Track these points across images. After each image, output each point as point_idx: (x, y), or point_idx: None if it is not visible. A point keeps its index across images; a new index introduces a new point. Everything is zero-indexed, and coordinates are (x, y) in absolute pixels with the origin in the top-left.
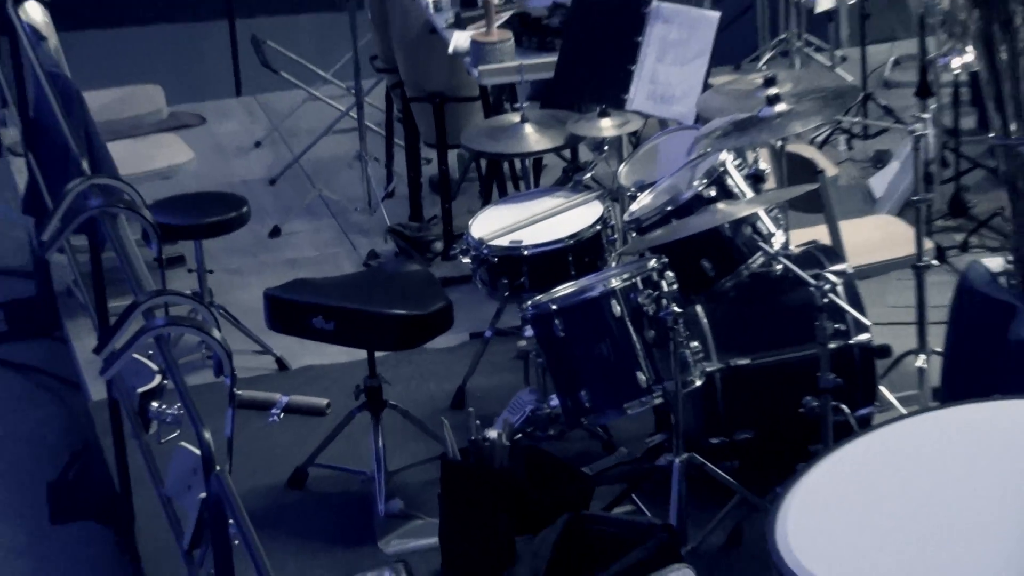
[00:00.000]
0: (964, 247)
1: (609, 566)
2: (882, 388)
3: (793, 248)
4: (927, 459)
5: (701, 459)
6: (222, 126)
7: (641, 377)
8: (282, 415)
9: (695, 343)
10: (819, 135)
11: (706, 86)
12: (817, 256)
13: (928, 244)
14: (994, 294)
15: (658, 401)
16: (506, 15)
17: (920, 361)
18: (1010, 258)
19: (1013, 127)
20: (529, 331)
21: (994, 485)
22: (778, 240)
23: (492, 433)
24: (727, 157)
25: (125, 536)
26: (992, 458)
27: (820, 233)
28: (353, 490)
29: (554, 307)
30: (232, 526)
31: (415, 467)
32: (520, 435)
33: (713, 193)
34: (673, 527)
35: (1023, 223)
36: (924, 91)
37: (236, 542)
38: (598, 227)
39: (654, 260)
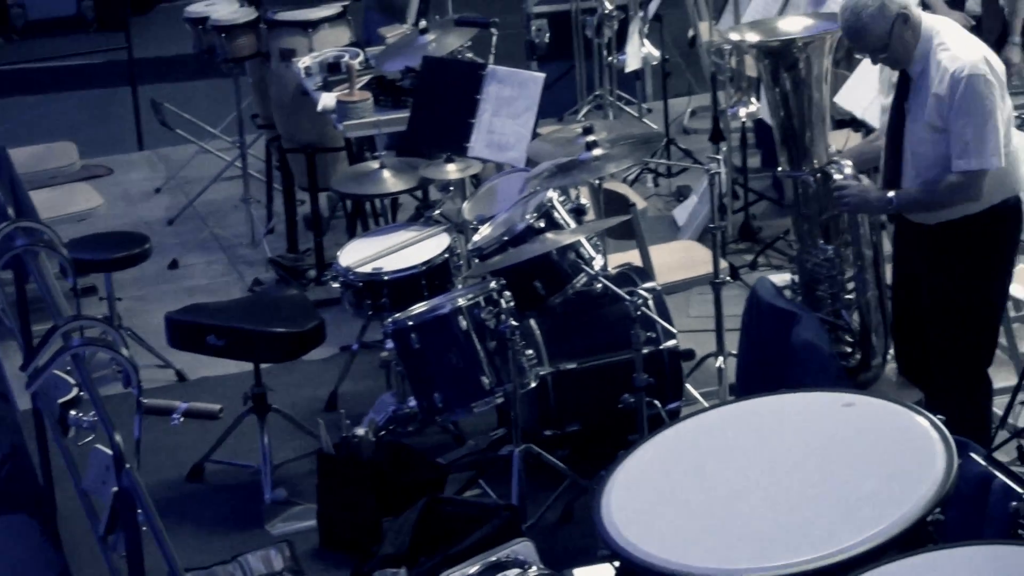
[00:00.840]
0: (753, 266)
1: (461, 541)
2: (688, 385)
3: (611, 269)
4: (726, 443)
5: (537, 449)
6: (127, 176)
7: (485, 381)
8: (182, 419)
9: (530, 351)
10: (630, 174)
11: (535, 135)
12: (631, 276)
13: (723, 264)
14: (779, 304)
15: (500, 400)
16: (366, 78)
17: (719, 362)
18: (795, 275)
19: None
20: (390, 344)
21: (780, 461)
22: (598, 263)
23: (360, 431)
24: (553, 194)
25: (49, 525)
26: (779, 439)
27: (633, 256)
28: (243, 481)
29: (410, 323)
30: (140, 515)
31: (296, 461)
32: (384, 432)
33: (542, 225)
34: (515, 507)
35: (805, 242)
36: (717, 136)
37: (144, 528)
38: (446, 255)
39: (494, 282)
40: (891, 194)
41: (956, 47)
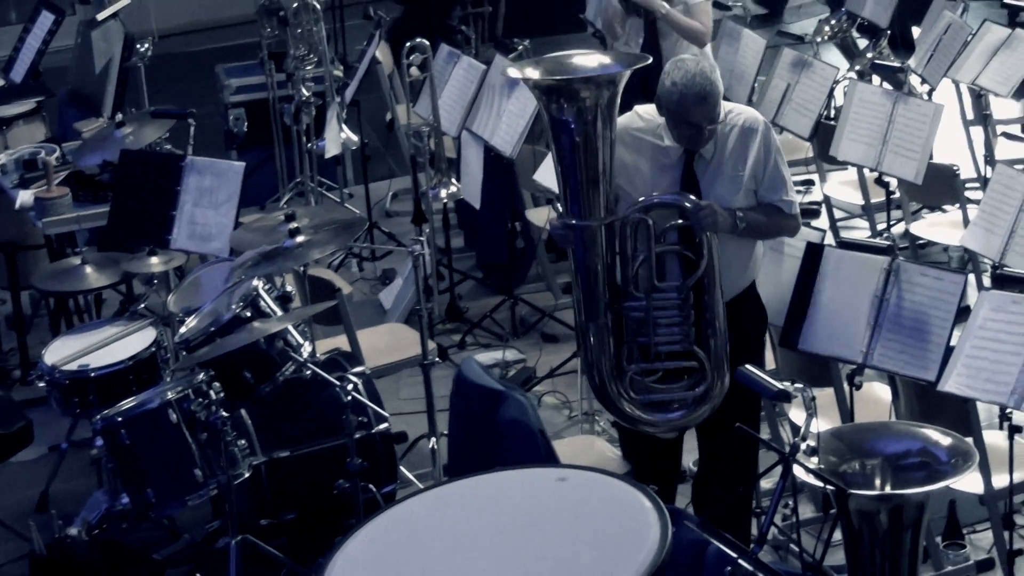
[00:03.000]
0: (462, 345)
1: None
2: (402, 468)
3: (319, 356)
4: (444, 524)
5: (254, 539)
6: None
7: (198, 473)
8: None
9: (242, 441)
10: (335, 260)
11: (237, 224)
12: (340, 361)
13: (431, 345)
14: (486, 383)
15: (214, 492)
16: (63, 174)
17: (432, 443)
18: (497, 355)
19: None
20: (99, 441)
21: (499, 539)
22: (306, 350)
23: (73, 530)
24: (259, 283)
25: None
26: (497, 518)
27: (341, 342)
28: None
29: (119, 419)
30: None
31: (8, 565)
32: (97, 530)
33: (249, 314)
34: None
35: (591, 311)
36: (419, 218)
37: None
38: (153, 349)
39: (203, 374)
40: (739, 212)
41: (733, 108)
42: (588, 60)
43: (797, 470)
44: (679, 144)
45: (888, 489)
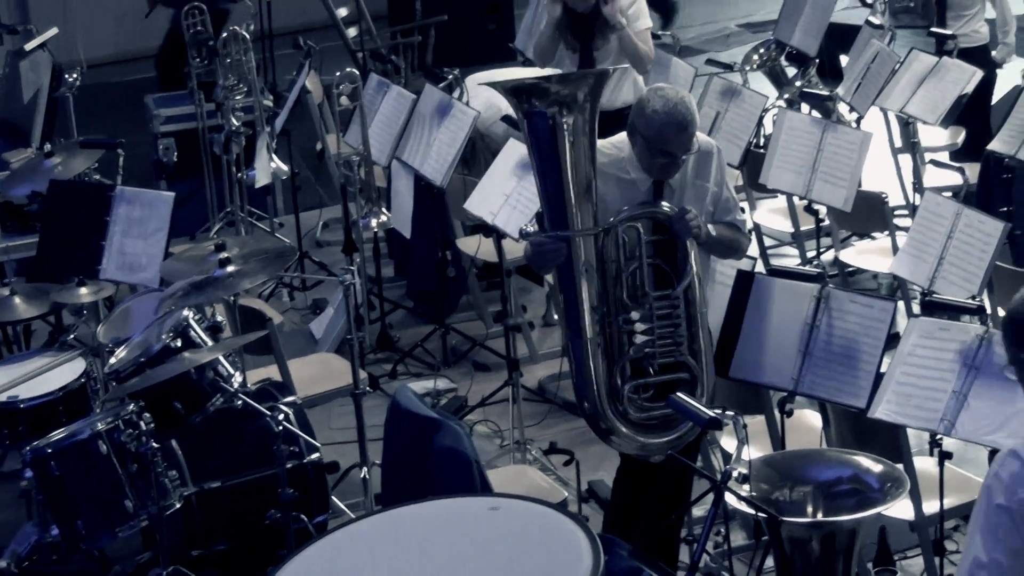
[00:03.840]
0: (393, 375)
1: None
2: (334, 498)
3: (250, 386)
4: (376, 554)
5: (185, 570)
6: None
7: (128, 504)
8: None
9: (173, 472)
10: (265, 289)
11: (167, 254)
12: (271, 391)
13: (363, 374)
14: (419, 411)
15: (144, 523)
16: None
17: (363, 473)
18: (429, 384)
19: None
20: (29, 473)
21: (432, 568)
22: (237, 380)
23: (3, 563)
24: (189, 313)
25: None
26: (430, 547)
27: (272, 372)
28: None
29: (49, 450)
30: None
31: None
32: (27, 563)
33: (179, 344)
34: None
35: (583, 327)
36: (350, 248)
37: None
38: (83, 379)
39: (133, 404)
40: (709, 225)
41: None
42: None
43: (729, 497)
44: (649, 175)
45: (820, 516)
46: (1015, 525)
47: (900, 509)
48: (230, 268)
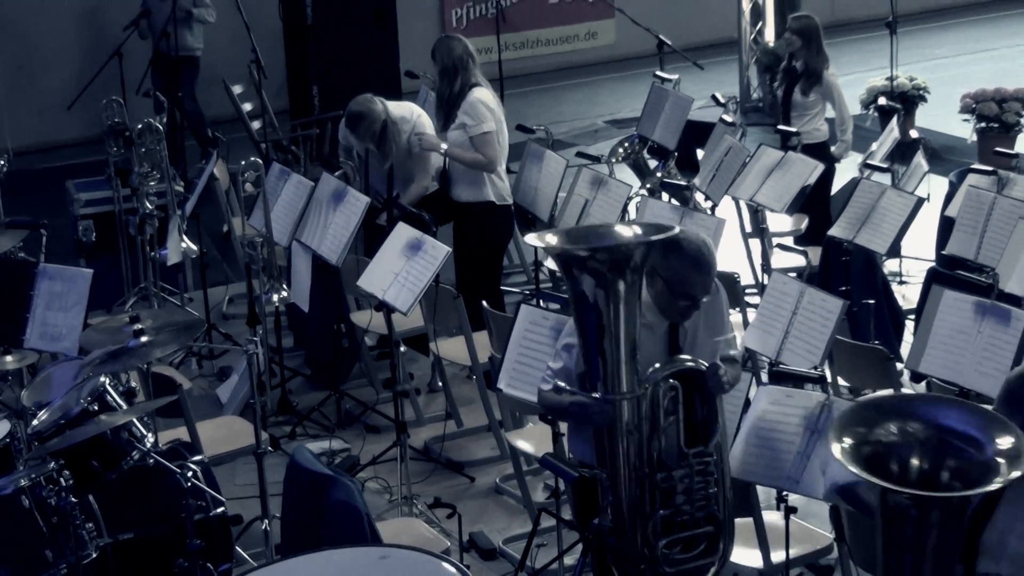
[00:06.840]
0: (292, 436)
1: None
2: (237, 548)
3: (162, 445)
4: None
5: None
6: None
7: (49, 554)
8: None
9: (90, 524)
10: (176, 358)
11: (85, 325)
12: (180, 451)
13: (264, 435)
14: (316, 469)
15: (64, 572)
16: None
17: (264, 525)
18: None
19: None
20: None
21: None
22: (149, 440)
23: None
24: (105, 379)
25: None
26: None
27: (182, 432)
28: None
29: None
30: None
31: None
32: None
33: (96, 407)
34: None
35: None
36: (253, 320)
37: None
38: (7, 439)
39: (53, 463)
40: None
41: None
42: (615, 229)
43: None
44: (666, 318)
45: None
46: None
47: (749, 558)
48: (144, 338)
